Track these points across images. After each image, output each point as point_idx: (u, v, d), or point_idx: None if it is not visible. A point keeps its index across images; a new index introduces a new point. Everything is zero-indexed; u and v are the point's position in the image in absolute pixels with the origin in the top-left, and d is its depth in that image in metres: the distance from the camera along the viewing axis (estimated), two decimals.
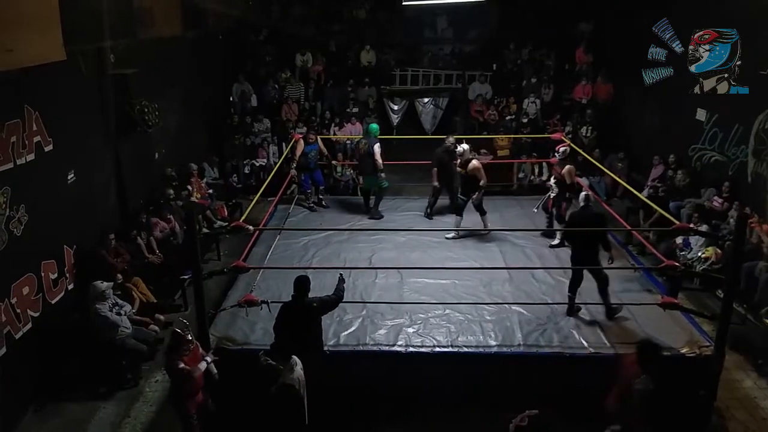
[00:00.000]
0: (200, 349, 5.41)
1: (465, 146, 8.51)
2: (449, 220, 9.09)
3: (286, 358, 4.98)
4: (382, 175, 9.37)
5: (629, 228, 9.38)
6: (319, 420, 5.49)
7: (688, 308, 6.50)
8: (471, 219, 8.68)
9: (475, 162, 8.38)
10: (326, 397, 5.44)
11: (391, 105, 15.11)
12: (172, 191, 9.75)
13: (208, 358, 5.39)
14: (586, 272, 6.56)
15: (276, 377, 4.95)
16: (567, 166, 8.28)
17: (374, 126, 9.72)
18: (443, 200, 9.48)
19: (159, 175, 10.21)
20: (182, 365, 5.11)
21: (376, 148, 9.27)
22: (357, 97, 14.17)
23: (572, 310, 6.58)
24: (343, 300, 5.84)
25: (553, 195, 8.50)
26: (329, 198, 10.52)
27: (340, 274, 6.07)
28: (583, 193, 6.87)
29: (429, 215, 9.45)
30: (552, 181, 8.66)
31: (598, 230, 6.57)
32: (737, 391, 6.60)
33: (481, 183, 8.32)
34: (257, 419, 5.30)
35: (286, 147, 11.49)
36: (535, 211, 9.17)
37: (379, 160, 9.25)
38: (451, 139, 9.05)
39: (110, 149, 8.58)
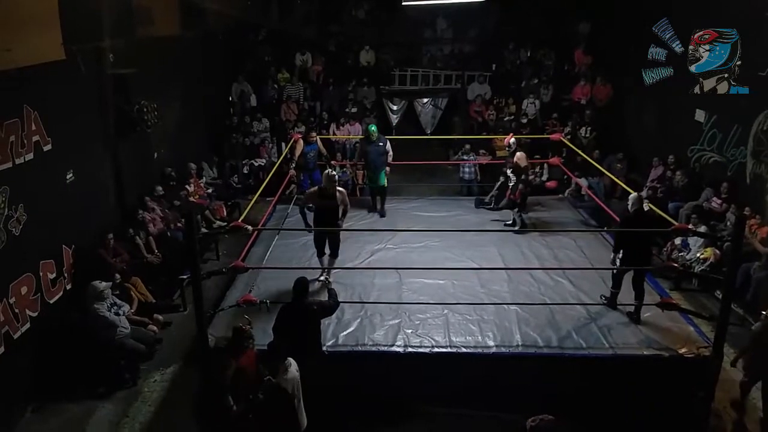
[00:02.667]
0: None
1: (331, 172, 7.38)
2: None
3: (282, 360, 4.97)
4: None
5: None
6: (317, 421, 5.50)
7: (686, 309, 6.50)
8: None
9: (342, 190, 7.26)
10: (325, 397, 5.45)
11: (391, 105, 15.12)
12: (160, 188, 9.72)
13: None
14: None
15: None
16: (517, 153, 8.70)
17: (372, 127, 9.82)
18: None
19: (158, 174, 10.20)
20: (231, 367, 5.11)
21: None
22: (356, 97, 14.18)
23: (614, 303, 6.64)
24: (340, 301, 5.86)
25: (511, 183, 8.75)
26: None
27: (327, 279, 6.04)
28: (635, 195, 6.69)
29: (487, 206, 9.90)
30: (508, 172, 8.89)
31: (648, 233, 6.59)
32: (735, 393, 6.57)
33: (341, 213, 7.33)
34: (250, 421, 5.28)
35: (285, 147, 11.50)
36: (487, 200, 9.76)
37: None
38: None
39: (109, 149, 8.57)
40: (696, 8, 10.53)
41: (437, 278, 7.28)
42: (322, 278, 7.29)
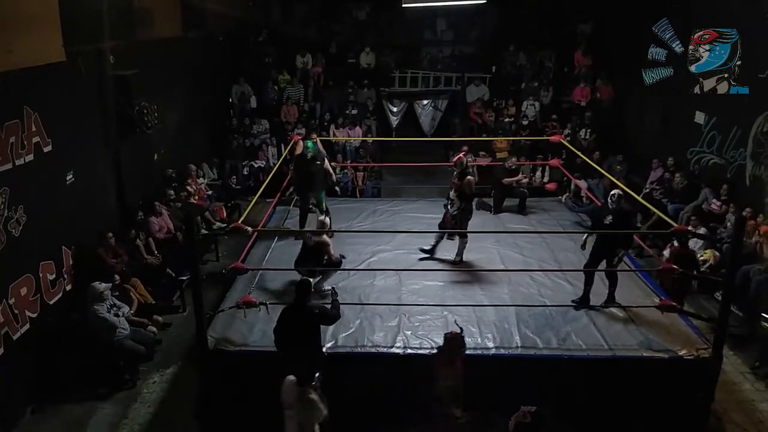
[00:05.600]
0: None
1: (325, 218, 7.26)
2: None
3: None
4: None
5: (628, 231, 9.37)
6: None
7: (685, 310, 6.50)
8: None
9: (326, 238, 6.91)
10: (324, 399, 5.45)
11: (391, 107, 15.13)
12: (172, 192, 9.78)
13: None
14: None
15: None
16: (467, 177, 7.51)
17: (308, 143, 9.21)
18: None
19: (158, 176, 10.21)
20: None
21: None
22: (356, 98, 14.19)
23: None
24: (341, 303, 5.86)
25: (452, 209, 7.60)
26: (328, 199, 10.51)
27: (333, 288, 6.04)
28: (615, 192, 6.64)
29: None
30: (451, 194, 7.65)
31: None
32: (735, 394, 6.62)
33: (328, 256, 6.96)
34: None
35: (285, 148, 11.50)
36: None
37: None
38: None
39: (109, 150, 8.58)
40: (696, 8, 10.55)
41: (437, 280, 7.27)
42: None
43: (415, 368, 5.99)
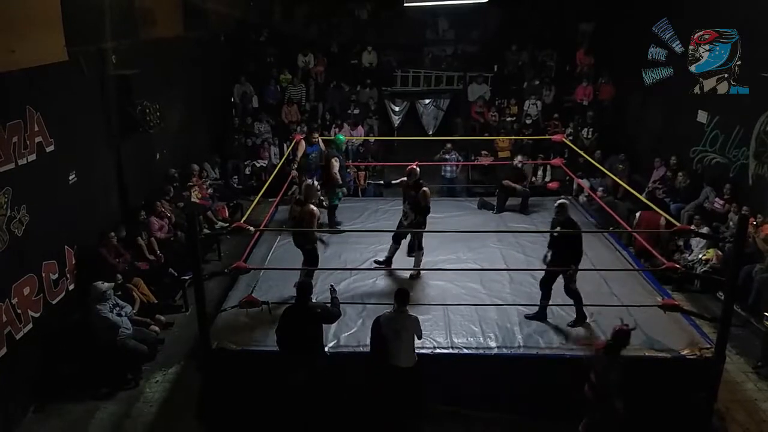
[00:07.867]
0: None
1: (311, 182, 7.06)
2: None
3: None
4: (344, 190, 9.23)
5: (630, 230, 9.39)
6: (320, 421, 5.51)
7: (688, 310, 6.49)
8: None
9: (312, 207, 6.70)
10: (327, 398, 5.45)
11: (393, 106, 15.13)
12: (171, 188, 9.78)
13: None
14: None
15: None
16: (423, 188, 7.10)
17: (341, 137, 9.55)
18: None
19: (160, 175, 10.22)
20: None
21: (334, 161, 8.77)
22: (358, 98, 14.19)
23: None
24: (342, 302, 5.87)
25: (406, 222, 7.32)
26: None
27: (331, 286, 6.05)
28: (559, 200, 6.45)
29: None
30: (405, 207, 7.33)
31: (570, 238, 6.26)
32: (738, 393, 6.61)
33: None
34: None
35: (287, 148, 11.51)
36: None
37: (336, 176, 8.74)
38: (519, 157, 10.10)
39: (112, 150, 8.59)
40: (696, 8, 10.54)
41: (439, 279, 7.27)
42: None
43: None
